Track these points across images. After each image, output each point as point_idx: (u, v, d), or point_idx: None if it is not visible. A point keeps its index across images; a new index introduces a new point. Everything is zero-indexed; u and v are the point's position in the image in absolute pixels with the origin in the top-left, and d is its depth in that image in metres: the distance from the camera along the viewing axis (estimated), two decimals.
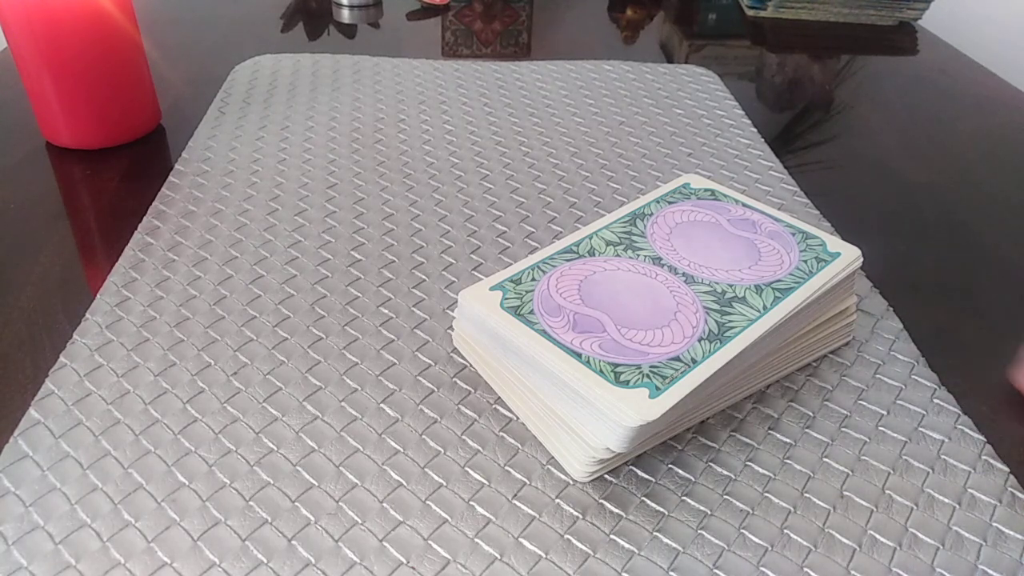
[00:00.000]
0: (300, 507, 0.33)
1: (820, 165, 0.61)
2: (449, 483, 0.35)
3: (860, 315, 0.45)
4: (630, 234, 0.42)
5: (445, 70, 0.73)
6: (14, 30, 0.53)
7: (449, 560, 0.32)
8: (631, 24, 0.88)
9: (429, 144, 0.61)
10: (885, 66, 0.79)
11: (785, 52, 0.82)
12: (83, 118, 0.57)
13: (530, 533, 0.33)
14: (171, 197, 0.54)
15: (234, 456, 0.36)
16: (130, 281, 0.46)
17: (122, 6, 0.55)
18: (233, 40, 0.79)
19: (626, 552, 0.32)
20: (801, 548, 0.33)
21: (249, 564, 0.31)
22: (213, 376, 0.40)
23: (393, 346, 0.42)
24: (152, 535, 0.32)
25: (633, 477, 0.35)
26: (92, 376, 0.39)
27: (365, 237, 0.50)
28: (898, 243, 0.52)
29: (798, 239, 0.41)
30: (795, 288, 0.38)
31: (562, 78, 0.72)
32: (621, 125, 0.64)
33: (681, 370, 0.33)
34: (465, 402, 0.39)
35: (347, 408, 0.38)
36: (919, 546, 0.33)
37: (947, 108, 0.71)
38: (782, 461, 0.36)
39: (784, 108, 0.70)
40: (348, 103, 0.66)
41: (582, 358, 0.34)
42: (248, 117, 0.64)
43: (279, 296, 0.45)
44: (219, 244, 0.49)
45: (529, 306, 0.37)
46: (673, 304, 0.37)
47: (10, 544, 0.32)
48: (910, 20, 0.89)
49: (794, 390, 0.40)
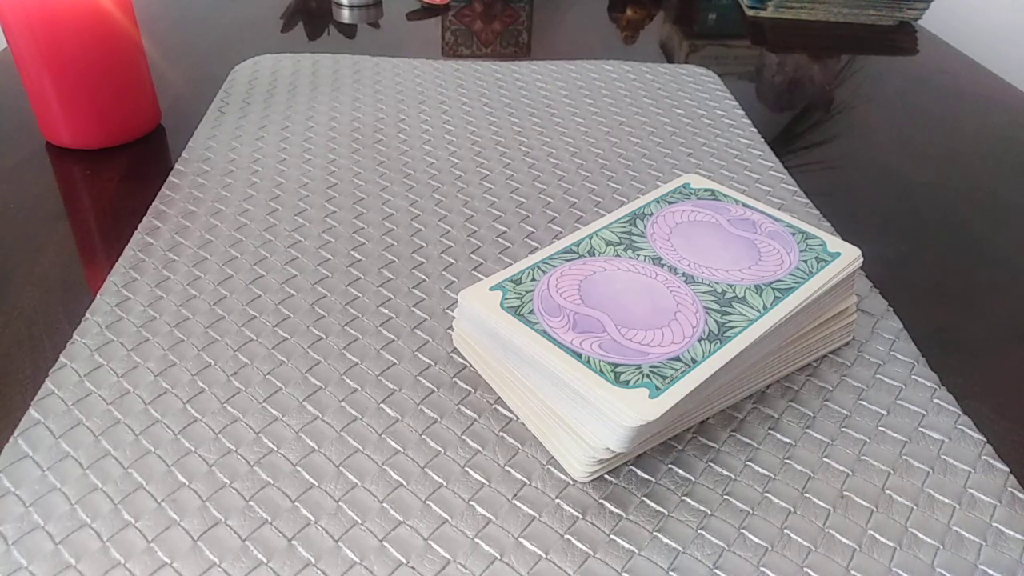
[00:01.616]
0: (300, 507, 0.33)
1: (820, 165, 0.61)
2: (449, 483, 0.35)
3: (860, 315, 0.45)
4: (630, 234, 0.42)
5: (445, 70, 0.73)
6: (14, 30, 0.53)
7: (449, 560, 0.32)
8: (631, 24, 0.88)
9: (429, 144, 0.61)
10: (885, 66, 0.79)
11: (785, 52, 0.82)
12: (83, 118, 0.57)
13: (530, 533, 0.33)
14: (171, 197, 0.54)
15: (234, 456, 0.36)
16: (130, 281, 0.46)
17: (122, 6, 0.55)
18: (233, 40, 0.79)
19: (626, 552, 0.32)
20: (801, 548, 0.33)
21: (249, 564, 0.31)
22: (213, 376, 0.40)
23: (393, 346, 0.42)
24: (152, 535, 0.32)
25: (633, 477, 0.35)
26: (92, 376, 0.39)
27: (365, 237, 0.50)
28: (898, 243, 0.52)
29: (798, 239, 0.41)
30: (795, 288, 0.38)
31: (562, 78, 0.72)
32: (621, 125, 0.64)
33: (681, 370, 0.33)
34: (465, 402, 0.39)
35: (347, 408, 0.38)
36: (919, 546, 0.33)
37: (947, 108, 0.71)
38: (782, 461, 0.36)
39: (784, 108, 0.70)
40: (348, 103, 0.66)
41: (582, 358, 0.34)
42: (248, 117, 0.64)
43: (279, 296, 0.45)
44: (219, 244, 0.49)
45: (529, 306, 0.37)
46: (673, 304, 0.37)
47: (10, 544, 0.32)
48: (910, 20, 0.89)
49: (794, 390, 0.40)
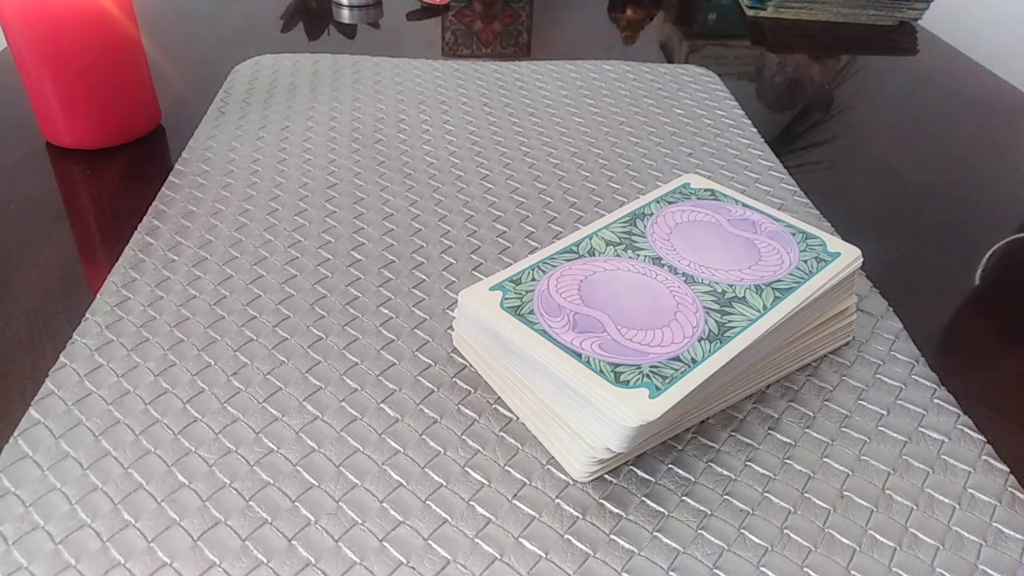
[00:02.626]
0: (300, 507, 0.33)
1: (820, 165, 0.61)
2: (449, 483, 0.35)
3: (860, 315, 0.45)
4: (630, 234, 0.42)
5: (445, 70, 0.73)
6: (14, 30, 0.53)
7: (449, 560, 0.32)
8: (631, 24, 0.88)
9: (429, 144, 0.61)
10: (885, 66, 0.79)
11: (785, 52, 0.82)
12: (83, 118, 0.57)
13: (530, 533, 0.33)
14: (171, 197, 0.54)
15: (234, 456, 0.36)
16: (130, 281, 0.46)
17: (122, 6, 0.55)
18: (233, 40, 0.79)
19: (626, 552, 0.32)
20: (801, 548, 0.33)
21: (249, 564, 0.31)
22: (213, 376, 0.40)
23: (393, 346, 0.42)
24: (152, 535, 0.32)
25: (633, 477, 0.35)
26: (92, 376, 0.39)
27: (365, 237, 0.50)
28: (898, 243, 0.52)
29: (798, 239, 0.41)
30: (795, 288, 0.38)
31: (562, 78, 0.72)
32: (621, 125, 0.64)
33: (681, 370, 0.33)
34: (465, 402, 0.39)
35: (347, 408, 0.38)
36: (919, 546, 0.33)
37: (947, 108, 0.71)
38: (782, 461, 0.36)
39: (784, 108, 0.70)
40: (348, 103, 0.66)
41: (582, 358, 0.34)
42: (248, 117, 0.64)
43: (279, 296, 0.45)
44: (219, 244, 0.49)
45: (529, 306, 0.37)
46: (673, 304, 0.37)
47: (10, 544, 0.32)
48: (910, 20, 0.89)
49: (794, 390, 0.40)
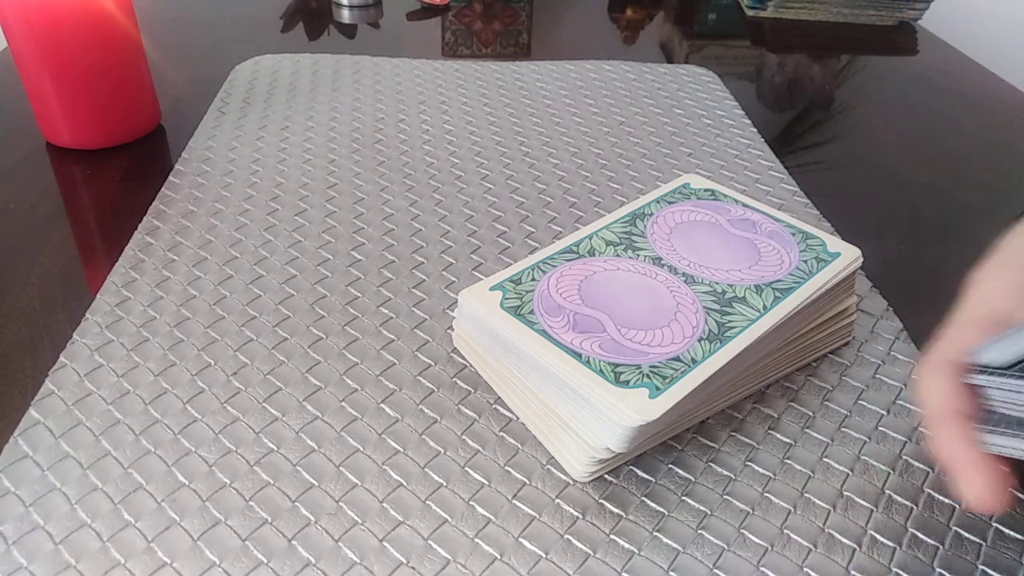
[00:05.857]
0: (300, 507, 0.33)
1: (820, 165, 0.61)
2: (449, 483, 0.35)
3: (860, 315, 0.45)
4: (630, 234, 0.42)
5: (445, 70, 0.73)
6: (14, 30, 0.53)
7: (449, 560, 0.32)
8: (631, 24, 0.88)
9: (429, 144, 0.61)
10: (885, 66, 0.79)
11: (785, 52, 0.82)
12: (83, 118, 0.57)
13: (530, 533, 0.33)
14: (171, 197, 0.54)
15: (234, 456, 0.36)
16: (130, 281, 0.46)
17: (122, 6, 0.55)
18: (233, 40, 0.79)
19: (626, 552, 0.32)
20: (801, 548, 0.33)
21: (249, 564, 0.31)
22: (213, 376, 0.40)
23: (393, 346, 0.42)
24: (152, 535, 0.32)
25: (633, 477, 0.35)
26: (92, 376, 0.39)
27: (365, 237, 0.50)
28: (898, 243, 0.52)
29: (798, 239, 0.41)
30: (795, 288, 0.38)
31: (562, 78, 0.72)
32: (621, 125, 0.64)
33: (681, 370, 0.33)
34: (465, 402, 0.39)
35: (347, 408, 0.38)
36: (919, 546, 0.33)
37: (947, 108, 0.71)
38: (782, 461, 0.36)
39: (784, 108, 0.70)
40: (348, 103, 0.66)
41: (582, 358, 0.34)
42: (248, 117, 0.64)
43: (279, 296, 0.45)
44: (219, 244, 0.49)
45: (529, 306, 0.37)
46: (673, 304, 0.37)
47: (10, 544, 0.32)
48: (910, 20, 0.89)
49: (794, 390, 0.40)
